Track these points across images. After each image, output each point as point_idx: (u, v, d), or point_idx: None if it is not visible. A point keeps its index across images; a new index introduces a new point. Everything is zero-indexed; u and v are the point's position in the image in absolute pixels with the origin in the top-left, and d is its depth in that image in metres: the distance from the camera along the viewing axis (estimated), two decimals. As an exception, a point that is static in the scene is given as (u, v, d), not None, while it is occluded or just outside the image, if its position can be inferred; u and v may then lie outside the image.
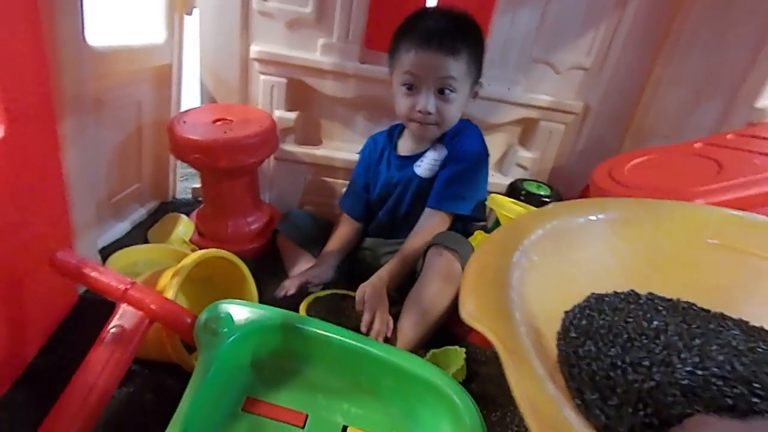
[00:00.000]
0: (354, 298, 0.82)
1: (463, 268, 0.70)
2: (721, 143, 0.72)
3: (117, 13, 0.89)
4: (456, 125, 0.86)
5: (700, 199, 0.57)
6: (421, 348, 0.70)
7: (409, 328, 0.70)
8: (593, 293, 0.40)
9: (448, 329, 0.76)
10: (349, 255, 0.92)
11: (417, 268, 0.78)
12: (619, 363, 0.33)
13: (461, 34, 0.75)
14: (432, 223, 0.82)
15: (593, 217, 0.43)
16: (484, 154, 0.87)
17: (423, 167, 0.86)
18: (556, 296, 0.37)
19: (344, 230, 0.92)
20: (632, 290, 0.42)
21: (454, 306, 0.72)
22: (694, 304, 0.43)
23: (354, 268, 0.92)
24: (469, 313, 0.31)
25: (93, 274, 0.52)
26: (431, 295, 0.71)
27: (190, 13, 0.96)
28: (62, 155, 0.61)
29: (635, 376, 0.32)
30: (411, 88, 0.78)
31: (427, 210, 0.84)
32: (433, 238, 0.76)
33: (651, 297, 0.42)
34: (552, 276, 0.37)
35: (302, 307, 0.78)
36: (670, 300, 0.42)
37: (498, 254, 0.35)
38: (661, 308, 0.41)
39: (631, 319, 0.38)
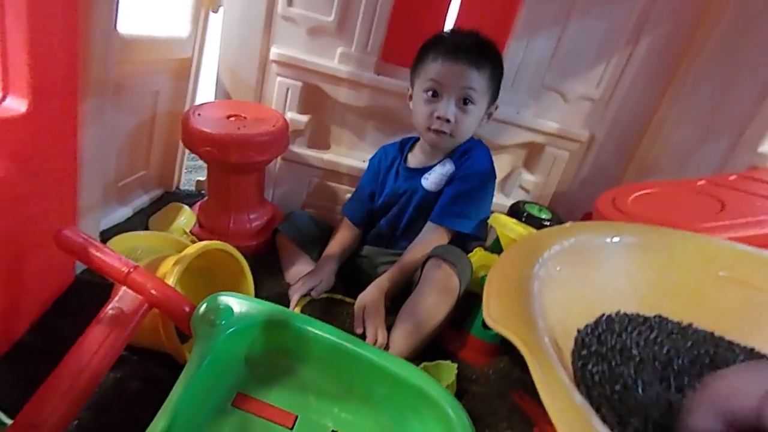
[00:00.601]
0: (349, 303, 0.82)
1: (460, 282, 0.70)
2: (724, 183, 0.74)
3: (147, 4, 0.91)
4: (466, 143, 0.87)
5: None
6: (412, 360, 0.70)
7: (402, 338, 0.70)
8: (604, 314, 0.41)
9: (440, 344, 0.76)
10: (346, 261, 0.92)
11: (414, 279, 0.79)
12: (632, 383, 0.34)
13: (487, 52, 0.80)
14: (432, 237, 0.82)
15: (609, 240, 0.44)
16: (492, 174, 0.88)
17: (430, 180, 0.87)
18: (571, 313, 0.38)
19: (344, 235, 0.93)
20: (641, 314, 0.42)
21: (449, 319, 0.72)
22: (704, 330, 0.44)
23: (350, 274, 0.92)
24: (493, 317, 0.31)
25: (98, 254, 0.51)
26: (427, 306, 0.71)
27: (216, 11, 0.98)
28: (79, 135, 0.61)
29: (649, 399, 0.33)
30: (434, 95, 0.81)
31: (429, 224, 0.85)
32: (432, 250, 0.76)
33: (661, 320, 0.43)
34: (567, 292, 0.38)
35: (297, 310, 0.78)
36: (679, 323, 0.43)
37: (520, 264, 0.36)
38: (670, 331, 0.41)
39: (642, 342, 0.39)
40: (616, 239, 0.44)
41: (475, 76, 0.78)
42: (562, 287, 0.37)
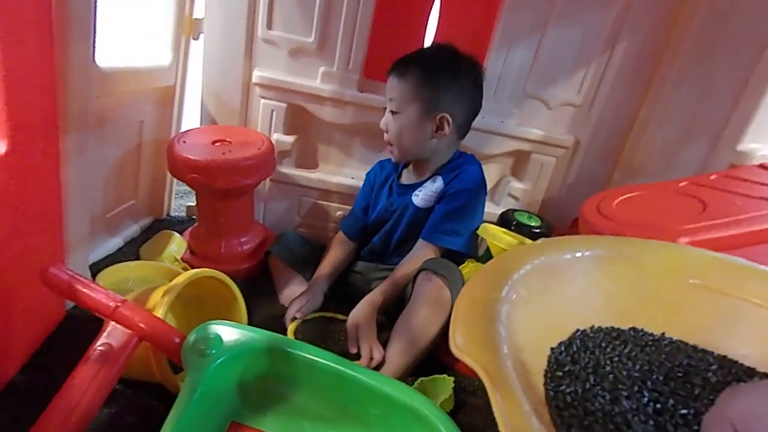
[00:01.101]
0: (342, 321, 0.82)
1: (452, 294, 0.70)
2: (705, 183, 0.75)
3: (126, 35, 0.92)
4: (458, 159, 0.88)
5: (684, 236, 0.59)
6: (409, 375, 0.70)
7: (398, 355, 0.69)
8: (578, 329, 0.41)
9: (437, 358, 0.76)
10: (340, 277, 0.92)
11: (406, 294, 0.79)
12: (608, 409, 0.34)
13: (417, 60, 0.82)
14: (423, 254, 0.83)
15: (579, 254, 0.45)
16: (483, 188, 0.88)
17: (420, 197, 0.87)
18: (543, 331, 0.38)
19: (336, 253, 0.93)
20: (615, 327, 0.43)
21: (443, 333, 0.72)
22: (678, 340, 0.44)
23: (343, 290, 0.92)
24: (457, 345, 0.31)
25: (84, 290, 0.51)
26: (420, 321, 0.71)
27: (196, 38, 0.99)
28: (62, 171, 0.61)
29: (623, 419, 0.33)
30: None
31: (420, 241, 0.85)
32: (423, 263, 0.76)
33: (635, 332, 0.43)
34: (539, 311, 0.38)
35: (290, 330, 0.78)
36: (653, 335, 0.43)
37: (487, 288, 0.36)
38: (645, 344, 0.42)
39: (616, 359, 0.39)
40: (587, 253, 0.44)
41: (397, 84, 0.81)
42: (533, 307, 0.37)
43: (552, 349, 0.38)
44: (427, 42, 1.04)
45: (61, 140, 0.60)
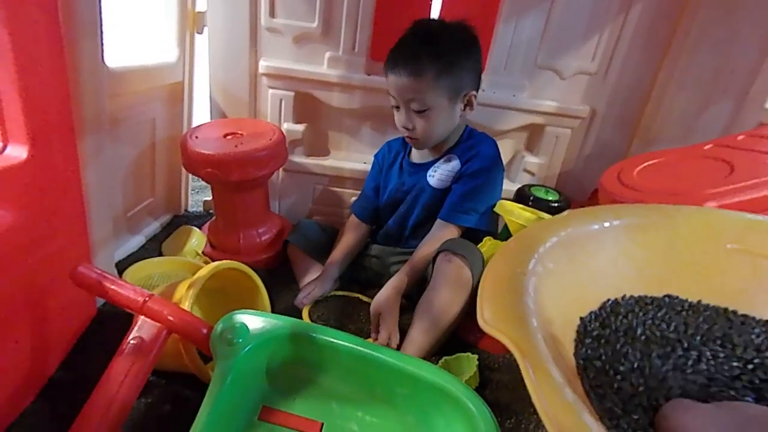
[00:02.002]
0: (365, 303, 0.83)
1: (472, 274, 0.70)
2: (732, 144, 0.72)
3: (131, 34, 0.92)
4: (472, 138, 0.86)
5: (711, 201, 0.57)
6: (432, 355, 0.71)
7: (421, 335, 0.70)
8: (609, 299, 0.40)
9: (459, 336, 0.76)
10: (354, 260, 0.93)
11: (427, 275, 0.79)
12: (640, 366, 0.33)
13: (427, 52, 0.75)
14: (442, 234, 0.82)
15: (608, 224, 0.43)
16: (499, 165, 0.86)
17: (436, 178, 0.86)
18: (572, 303, 0.37)
19: (348, 238, 0.94)
20: (648, 295, 0.42)
21: (464, 312, 0.72)
22: (716, 306, 0.42)
23: (360, 273, 0.93)
24: (486, 320, 0.31)
25: (113, 287, 0.53)
26: (442, 302, 0.71)
27: (201, 32, 0.99)
28: (82, 172, 0.63)
29: (655, 380, 0.32)
30: (396, 107, 0.82)
31: (438, 221, 0.84)
32: (442, 244, 0.76)
33: (670, 299, 0.42)
34: (567, 283, 0.37)
35: (305, 312, 0.80)
36: (689, 301, 0.42)
37: (513, 262, 0.36)
38: (681, 309, 0.41)
39: (649, 321, 0.38)
40: (615, 222, 0.43)
41: (414, 84, 0.76)
42: (561, 279, 0.36)
43: (581, 318, 0.38)
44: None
45: (78, 142, 0.61)
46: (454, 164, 0.85)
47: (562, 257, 0.38)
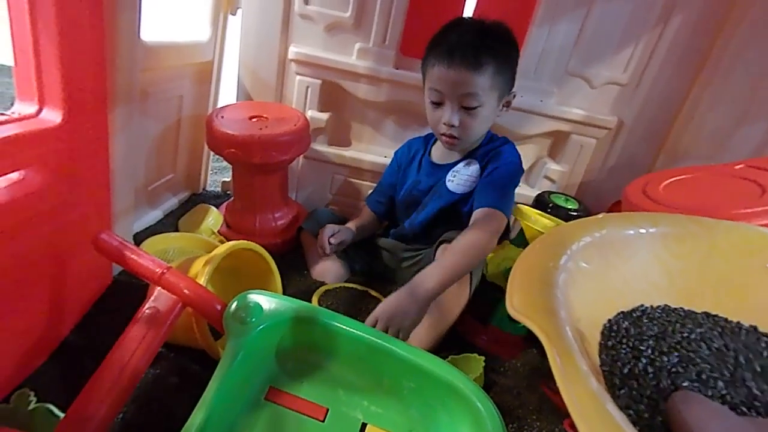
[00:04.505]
0: (374, 297, 0.84)
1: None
2: (764, 166, 0.70)
3: (166, 10, 0.93)
4: (493, 143, 0.84)
5: (740, 221, 0.55)
6: (435, 352, 0.70)
7: (425, 330, 0.70)
8: (642, 305, 0.40)
9: (466, 338, 0.76)
10: (367, 251, 0.93)
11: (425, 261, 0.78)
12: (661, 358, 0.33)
13: (486, 47, 0.72)
14: (490, 219, 0.73)
15: (644, 230, 0.43)
16: (520, 171, 0.83)
17: (455, 183, 0.83)
18: (601, 303, 0.37)
19: (364, 216, 0.95)
20: (684, 308, 0.41)
21: (466, 307, 0.72)
22: (756, 328, 0.41)
23: (372, 264, 0.93)
24: (515, 307, 0.31)
25: (133, 256, 0.54)
26: (446, 296, 0.69)
27: (234, 13, 0.99)
28: (110, 142, 0.63)
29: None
30: (438, 103, 0.78)
31: (480, 210, 0.75)
32: (443, 236, 0.75)
33: (708, 316, 0.41)
34: (597, 283, 0.37)
35: (314, 299, 0.81)
36: (728, 321, 0.41)
37: (546, 256, 0.35)
38: (720, 329, 0.40)
39: (686, 333, 0.38)
40: (651, 230, 0.42)
41: (474, 79, 0.72)
42: (592, 279, 0.36)
43: (609, 319, 0.37)
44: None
45: (109, 112, 0.62)
46: (474, 168, 0.82)
47: (594, 257, 0.37)
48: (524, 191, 1.07)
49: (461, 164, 0.84)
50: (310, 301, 0.81)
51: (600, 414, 0.23)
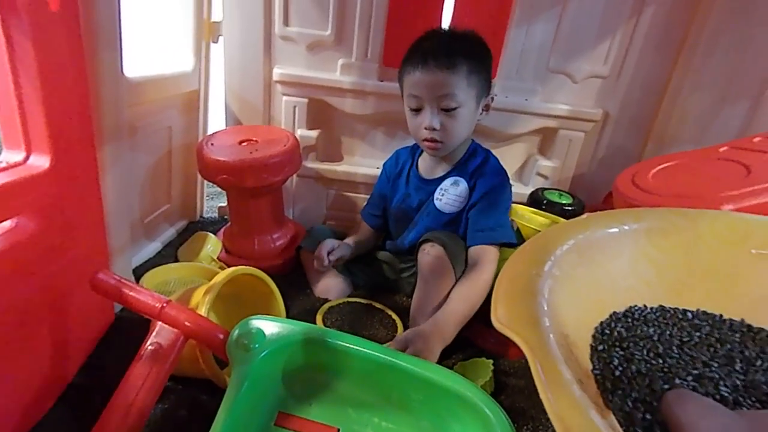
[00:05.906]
0: (371, 306, 0.85)
1: (451, 261, 0.72)
2: (748, 146, 0.71)
3: (148, 44, 0.94)
4: (476, 157, 0.84)
5: (728, 204, 0.56)
6: (443, 356, 0.70)
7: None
8: (635, 305, 0.40)
9: (475, 342, 0.76)
10: (366, 264, 0.93)
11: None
12: (658, 365, 0.33)
13: (458, 48, 0.75)
14: (486, 258, 0.76)
15: (627, 227, 0.43)
16: (507, 180, 0.84)
17: (443, 202, 0.84)
18: (589, 306, 0.37)
19: (361, 231, 0.96)
20: (680, 308, 0.41)
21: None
22: (751, 326, 0.41)
23: (373, 278, 0.93)
24: (499, 319, 0.31)
25: (131, 293, 0.54)
26: (430, 294, 0.73)
27: (216, 41, 1.00)
28: (101, 181, 0.64)
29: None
30: (417, 109, 0.78)
31: (474, 248, 0.78)
32: (425, 235, 0.78)
33: (706, 315, 0.41)
34: (584, 286, 0.37)
35: (318, 317, 0.81)
36: (722, 318, 0.41)
37: (529, 264, 0.36)
38: (715, 328, 0.40)
39: (678, 333, 0.37)
40: (635, 226, 0.42)
41: (449, 79, 0.73)
42: (579, 282, 0.36)
43: (601, 322, 0.37)
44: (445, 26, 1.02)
45: (98, 151, 0.62)
46: (462, 189, 0.83)
47: (579, 260, 0.37)
48: (518, 189, 1.07)
49: (449, 182, 0.84)
50: (315, 319, 0.81)
51: (583, 422, 0.23)
